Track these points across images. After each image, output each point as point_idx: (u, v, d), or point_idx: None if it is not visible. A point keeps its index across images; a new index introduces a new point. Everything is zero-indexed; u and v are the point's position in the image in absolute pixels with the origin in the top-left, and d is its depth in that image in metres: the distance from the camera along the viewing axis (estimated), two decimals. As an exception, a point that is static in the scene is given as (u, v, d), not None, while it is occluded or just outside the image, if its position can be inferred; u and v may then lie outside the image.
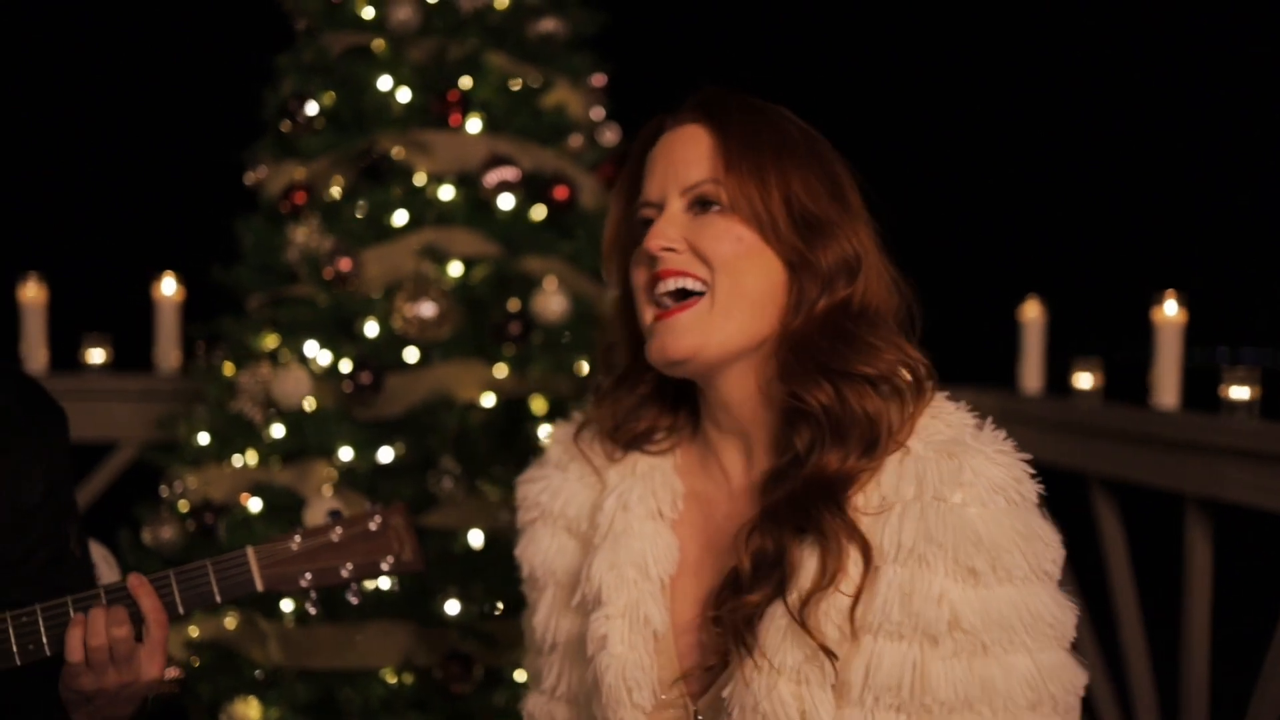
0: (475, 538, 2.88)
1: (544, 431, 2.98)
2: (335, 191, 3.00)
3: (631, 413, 1.81)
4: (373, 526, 1.97)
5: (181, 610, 1.89)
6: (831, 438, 1.60)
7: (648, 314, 1.71)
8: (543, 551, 1.85)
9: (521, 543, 1.89)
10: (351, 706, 2.72)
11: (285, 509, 2.85)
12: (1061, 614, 1.57)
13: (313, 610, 1.96)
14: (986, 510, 1.55)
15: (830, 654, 1.55)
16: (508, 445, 2.94)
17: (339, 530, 1.96)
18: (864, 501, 1.59)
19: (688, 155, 1.69)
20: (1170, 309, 3.59)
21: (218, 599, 1.90)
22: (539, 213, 3.07)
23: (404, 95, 3.01)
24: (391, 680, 2.79)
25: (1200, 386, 3.79)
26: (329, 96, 3.05)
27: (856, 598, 1.55)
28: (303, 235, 2.93)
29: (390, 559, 1.96)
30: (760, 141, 1.68)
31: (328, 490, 2.77)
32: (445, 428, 2.84)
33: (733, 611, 1.61)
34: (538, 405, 3.02)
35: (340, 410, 2.89)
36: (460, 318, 2.93)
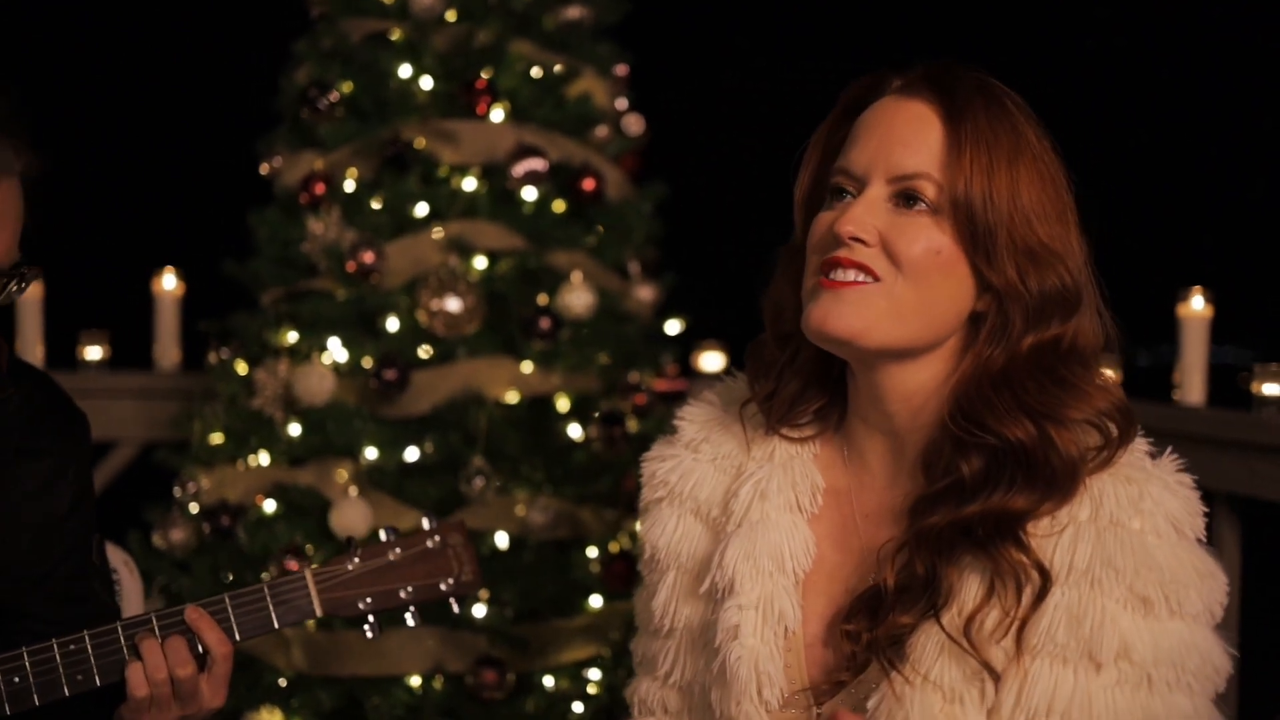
0: (501, 539, 2.80)
1: (574, 431, 2.90)
2: (356, 182, 2.90)
3: (789, 380, 1.69)
4: (430, 545, 1.88)
5: (239, 637, 1.79)
6: (1024, 476, 1.49)
7: (810, 280, 1.58)
8: (667, 533, 1.73)
9: (645, 522, 1.78)
10: (378, 714, 2.64)
11: (307, 510, 2.75)
12: (1223, 661, 1.49)
13: (370, 635, 1.87)
14: (1162, 540, 1.47)
15: (994, 673, 1.46)
16: (537, 444, 2.86)
17: (397, 550, 1.87)
18: (1034, 524, 1.50)
19: (909, 138, 1.53)
20: (1197, 304, 3.55)
21: (275, 625, 1.81)
22: (563, 205, 3.00)
23: (426, 83, 2.92)
24: (417, 687, 2.70)
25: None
26: (348, 85, 2.96)
27: (1025, 619, 1.46)
28: (323, 227, 2.83)
29: (450, 580, 1.88)
30: (996, 142, 1.52)
31: (353, 491, 2.68)
32: (475, 426, 2.76)
33: (876, 628, 1.53)
34: (562, 403, 2.94)
35: (362, 408, 2.80)
36: (486, 313, 2.84)
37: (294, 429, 2.84)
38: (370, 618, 1.85)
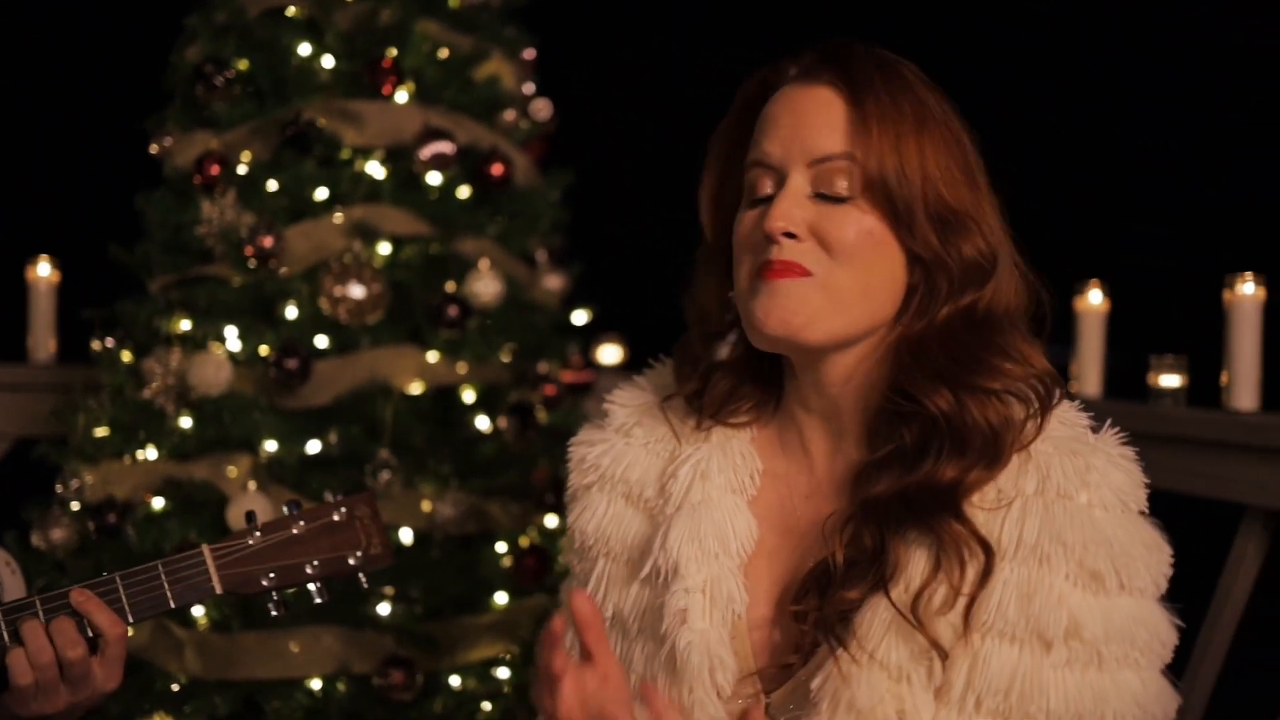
0: (407, 535, 2.71)
1: (481, 422, 2.82)
2: (252, 164, 2.77)
3: (715, 380, 1.67)
4: (337, 518, 1.81)
5: (131, 619, 1.72)
6: (950, 445, 1.48)
7: (745, 277, 1.56)
8: (597, 518, 1.69)
9: (574, 510, 1.73)
10: (279, 718, 2.52)
11: (201, 506, 2.62)
12: (1170, 634, 1.49)
13: (275, 612, 1.78)
14: (1110, 514, 1.46)
15: (942, 651, 1.44)
16: (444, 436, 2.77)
17: (301, 523, 1.80)
18: (979, 495, 1.48)
19: (818, 121, 1.53)
20: (1095, 298, 3.59)
21: (171, 604, 1.73)
22: (470, 190, 2.91)
23: (328, 62, 2.81)
24: (319, 690, 2.59)
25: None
26: (244, 63, 2.83)
27: (973, 596, 1.44)
28: (218, 210, 2.71)
29: (359, 553, 1.82)
30: (901, 115, 1.52)
31: (252, 485, 2.56)
32: (380, 417, 2.66)
33: (825, 606, 1.49)
34: (468, 394, 2.86)
35: (260, 398, 2.68)
36: (391, 300, 2.74)
37: (185, 422, 2.71)
38: (274, 595, 1.76)
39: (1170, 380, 3.34)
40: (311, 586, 1.80)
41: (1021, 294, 1.57)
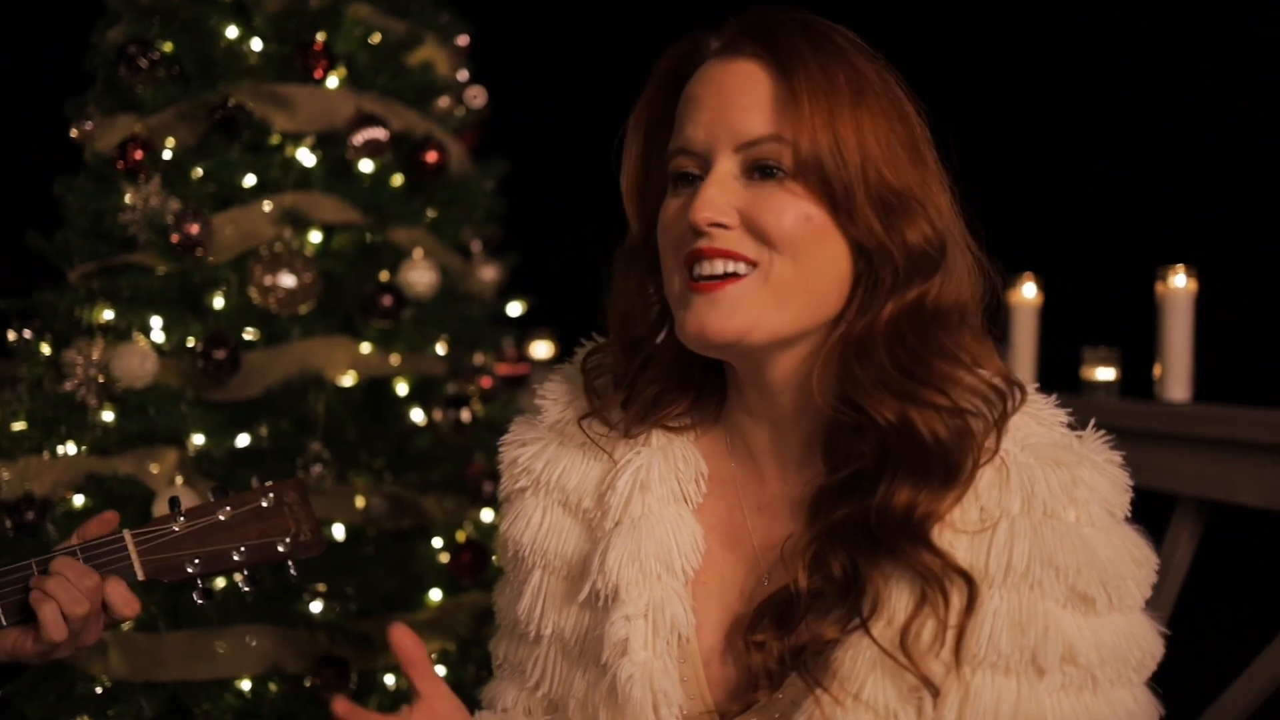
0: (339, 531, 2.64)
1: (415, 415, 2.76)
2: (177, 149, 2.69)
3: (645, 386, 1.53)
4: (265, 504, 1.73)
5: None
6: (901, 465, 1.35)
7: (676, 280, 1.42)
8: (532, 528, 1.56)
9: (507, 515, 1.59)
10: (209, 720, 2.44)
11: (126, 501, 2.53)
12: (1158, 646, 1.41)
13: (200, 601, 1.71)
14: (1099, 531, 1.36)
15: (934, 689, 1.34)
16: (377, 429, 2.70)
17: (227, 509, 1.71)
18: (960, 515, 1.36)
19: (743, 100, 1.38)
20: (1028, 291, 3.61)
21: None
22: (403, 178, 2.85)
23: (257, 45, 2.73)
24: (248, 690, 2.51)
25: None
26: (169, 45, 2.74)
27: (961, 627, 1.33)
28: (142, 197, 2.62)
29: (287, 540, 1.73)
30: (835, 87, 1.37)
31: (179, 480, 2.48)
32: (311, 410, 2.59)
33: (789, 637, 1.39)
34: (402, 386, 2.80)
35: (187, 391, 2.59)
36: (323, 290, 2.67)
37: (108, 415, 2.61)
38: (200, 582, 1.69)
39: (1104, 372, 3.37)
40: (238, 575, 1.73)
41: (975, 284, 1.43)
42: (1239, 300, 3.62)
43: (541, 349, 4.20)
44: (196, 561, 1.68)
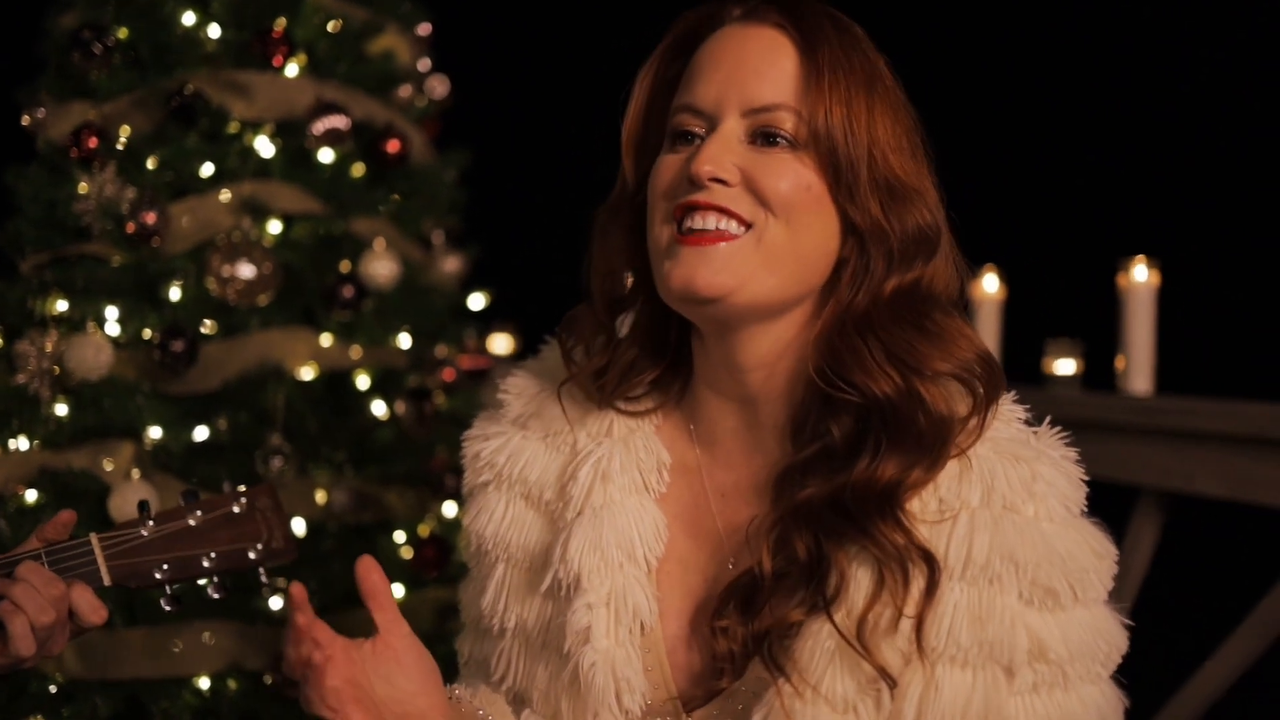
0: (300, 525, 2.60)
1: (377, 408, 2.72)
2: (133, 137, 2.63)
3: (619, 352, 1.53)
4: (236, 509, 1.71)
5: None
6: (890, 439, 1.36)
7: (664, 232, 1.42)
8: (495, 521, 1.56)
9: (470, 509, 1.60)
10: (167, 719, 2.39)
11: (81, 496, 2.48)
12: (1123, 639, 1.42)
13: (168, 608, 1.68)
14: (1058, 526, 1.37)
15: (891, 680, 1.34)
16: (338, 422, 2.66)
17: (198, 514, 1.68)
18: (920, 506, 1.37)
19: (763, 67, 1.40)
20: (990, 284, 3.62)
21: None
22: (364, 168, 2.80)
23: (214, 32, 2.68)
24: (205, 687, 2.47)
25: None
26: (124, 31, 2.68)
27: (921, 618, 1.34)
28: (97, 185, 2.56)
29: (259, 547, 1.71)
30: (853, 69, 1.40)
31: (136, 474, 2.42)
32: (271, 402, 2.54)
33: (753, 622, 1.38)
34: (363, 379, 2.76)
35: (143, 383, 2.54)
36: (282, 281, 2.62)
37: (61, 408, 2.56)
38: (168, 589, 1.65)
39: (1066, 365, 3.38)
40: (207, 581, 1.70)
41: (955, 278, 1.47)
42: (1201, 292, 3.65)
43: (502, 343, 4.17)
44: (165, 568, 1.65)
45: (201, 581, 1.71)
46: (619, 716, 1.45)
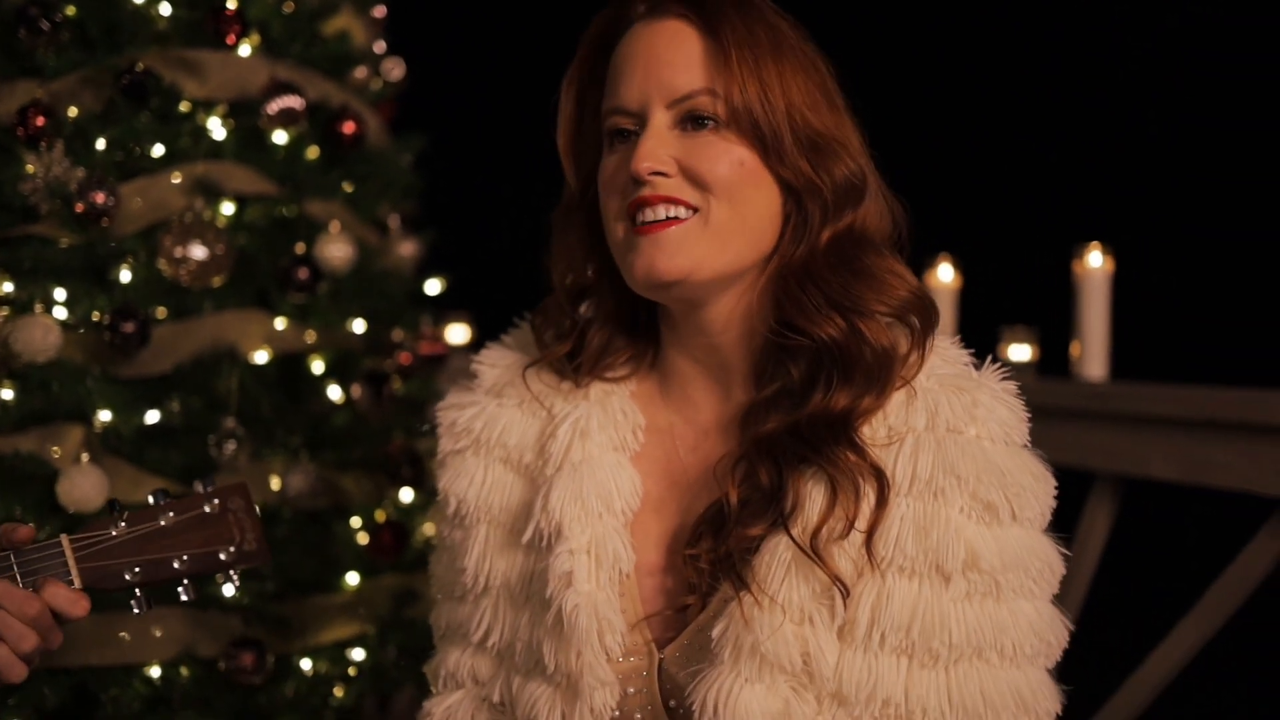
0: (254, 511, 2.56)
1: (333, 392, 2.69)
2: (82, 115, 2.57)
3: (589, 337, 1.63)
4: (208, 510, 1.69)
5: None
6: (841, 375, 1.47)
7: (619, 229, 1.53)
8: (475, 484, 1.63)
9: (446, 475, 1.67)
10: (117, 708, 2.35)
11: (28, 480, 2.42)
12: (1059, 562, 1.52)
13: (137, 610, 1.65)
14: (998, 447, 1.47)
15: (844, 587, 1.43)
16: (293, 406, 2.63)
17: (170, 514, 1.66)
18: (870, 433, 1.48)
19: (674, 58, 1.50)
20: (945, 274, 3.63)
21: None
22: (319, 150, 2.77)
23: (165, 9, 2.63)
24: (157, 675, 2.42)
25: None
26: (71, 8, 2.62)
27: (871, 530, 1.43)
28: (44, 165, 2.50)
29: (231, 549, 1.69)
30: (757, 41, 1.49)
31: (85, 458, 2.38)
32: (224, 386, 2.50)
33: (721, 546, 1.47)
34: (318, 363, 2.72)
35: (92, 366, 2.48)
36: (235, 263, 2.58)
37: (7, 392, 2.50)
38: (138, 591, 1.62)
39: (1021, 351, 3.40)
40: (178, 585, 1.67)
41: (886, 215, 1.57)
42: (1155, 278, 3.68)
43: (458, 333, 4.14)
44: (136, 570, 1.63)
45: (177, 586, 1.69)
46: (600, 655, 1.51)
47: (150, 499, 1.67)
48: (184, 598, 1.67)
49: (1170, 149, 3.97)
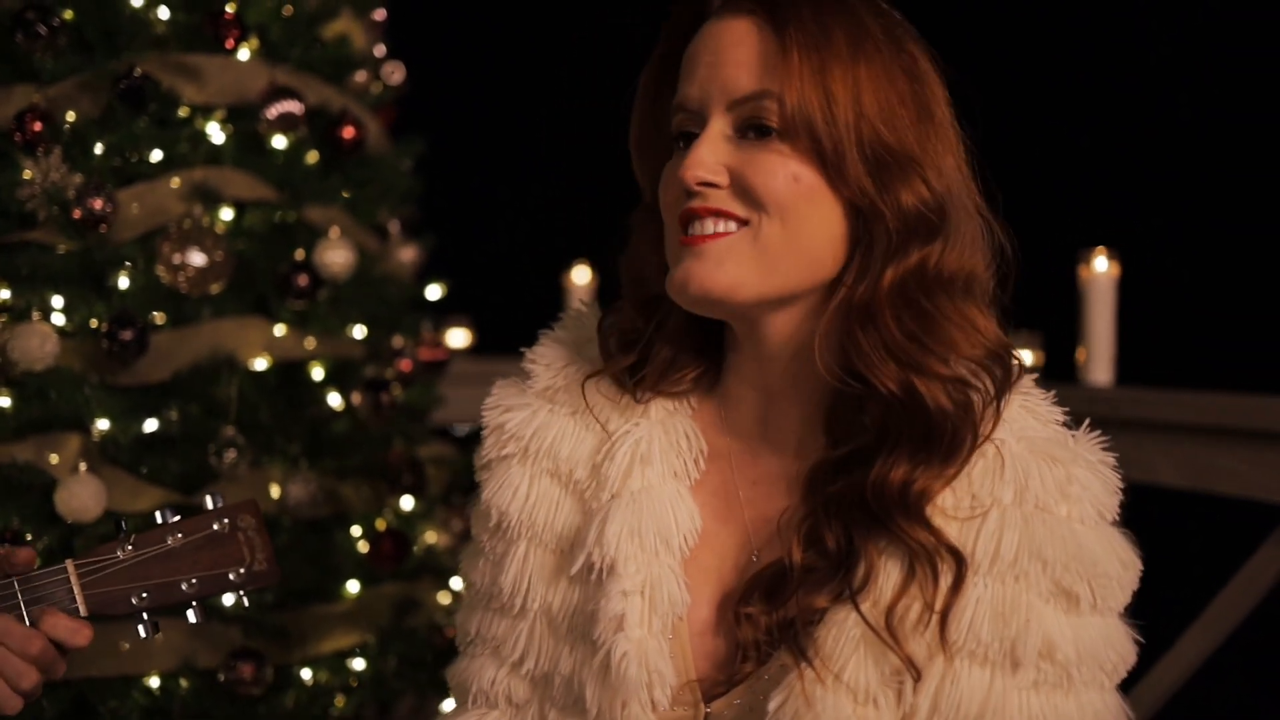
0: (253, 520, 2.53)
1: (333, 399, 2.66)
2: (80, 121, 2.55)
3: (656, 349, 1.50)
4: (217, 529, 1.62)
5: None
6: (899, 438, 1.33)
7: (673, 240, 1.41)
8: (520, 497, 1.50)
9: (490, 485, 1.54)
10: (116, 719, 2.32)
11: (25, 490, 2.40)
12: (1132, 653, 1.41)
13: (144, 633, 1.61)
14: (1089, 529, 1.35)
15: (915, 672, 1.32)
16: (293, 414, 2.60)
17: (178, 535, 1.61)
18: (952, 502, 1.35)
19: (735, 57, 1.36)
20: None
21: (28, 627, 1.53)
22: (318, 155, 2.74)
23: (164, 13, 2.61)
24: (156, 685, 2.40)
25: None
26: (69, 13, 2.60)
27: (946, 612, 1.32)
28: (42, 171, 2.48)
29: (241, 570, 1.63)
30: (828, 42, 1.34)
31: (83, 466, 2.35)
32: (224, 393, 2.48)
33: (778, 610, 1.36)
34: (318, 370, 2.70)
35: (90, 374, 2.46)
36: (235, 269, 2.56)
37: (4, 400, 2.48)
38: (145, 615, 1.59)
39: (1025, 357, 3.37)
40: (187, 608, 1.63)
41: (984, 252, 1.40)
42: (1161, 283, 3.66)
43: (458, 337, 4.12)
44: (144, 595, 1.59)
45: (186, 610, 1.64)
46: (648, 707, 1.41)
47: (158, 517, 1.62)
48: (192, 619, 1.62)
49: (1177, 153, 3.95)
